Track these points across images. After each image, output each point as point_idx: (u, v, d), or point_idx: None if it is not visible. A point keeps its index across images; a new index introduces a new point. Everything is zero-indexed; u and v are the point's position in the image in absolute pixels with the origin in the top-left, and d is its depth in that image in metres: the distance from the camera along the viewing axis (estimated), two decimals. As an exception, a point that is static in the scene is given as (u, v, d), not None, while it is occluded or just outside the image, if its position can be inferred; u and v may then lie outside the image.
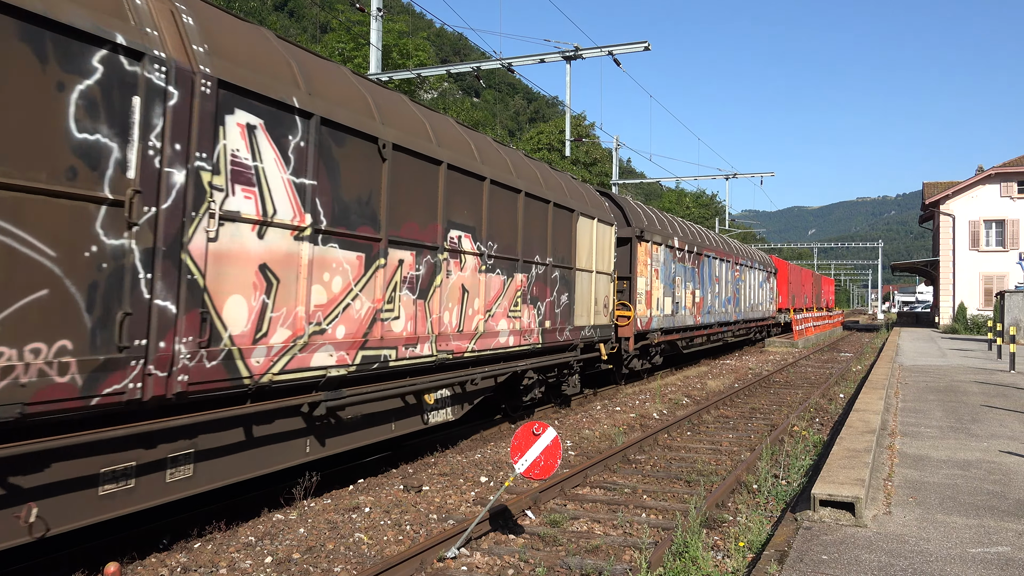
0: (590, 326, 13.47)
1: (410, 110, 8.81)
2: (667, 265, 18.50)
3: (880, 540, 5.42)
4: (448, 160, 8.97)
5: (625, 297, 16.14)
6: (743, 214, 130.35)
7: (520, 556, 5.97)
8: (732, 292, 26.06)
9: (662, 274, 18.06)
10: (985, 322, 36.79)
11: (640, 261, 16.66)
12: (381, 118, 7.88)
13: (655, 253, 17.53)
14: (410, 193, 8.32)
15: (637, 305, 16.25)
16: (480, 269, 9.85)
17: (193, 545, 6.14)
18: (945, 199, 41.29)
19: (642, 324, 16.48)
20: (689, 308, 20.49)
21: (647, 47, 17.73)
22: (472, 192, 9.62)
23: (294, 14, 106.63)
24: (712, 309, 23.22)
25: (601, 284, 14.17)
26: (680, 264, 19.60)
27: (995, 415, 11.16)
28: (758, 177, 37.79)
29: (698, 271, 21.53)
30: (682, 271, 19.78)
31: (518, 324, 10.86)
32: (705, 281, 22.36)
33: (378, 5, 17.87)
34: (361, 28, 31.98)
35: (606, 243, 14.55)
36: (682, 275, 19.78)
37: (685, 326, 20.09)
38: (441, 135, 9.15)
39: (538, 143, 58.32)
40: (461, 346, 9.32)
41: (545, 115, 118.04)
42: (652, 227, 17.52)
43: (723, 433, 11.60)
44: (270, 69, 6.43)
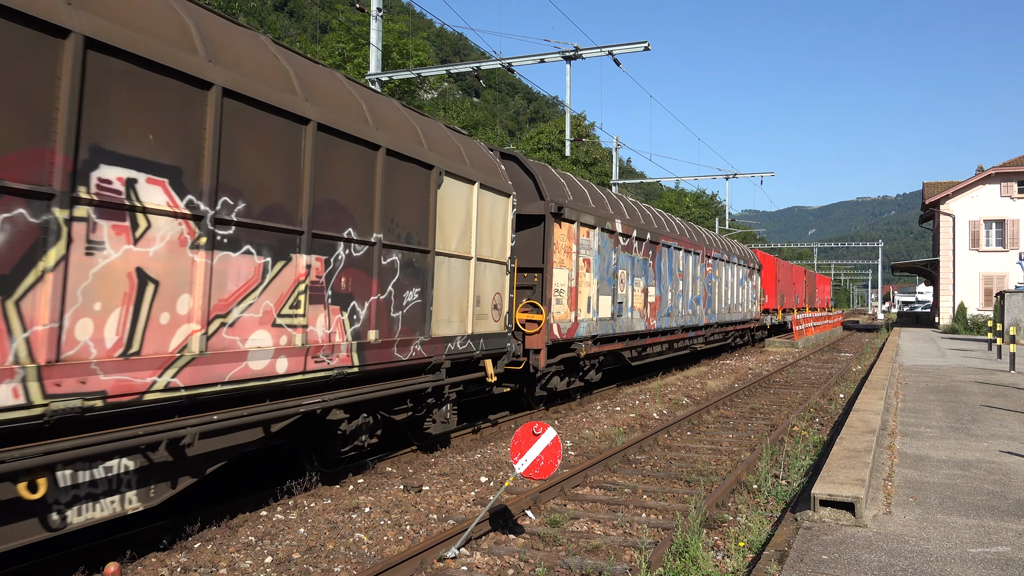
0: (465, 336, 9.65)
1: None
2: (605, 255, 14.68)
3: (880, 540, 5.42)
4: (88, 32, 4.96)
5: (536, 296, 12.33)
6: (743, 214, 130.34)
7: (520, 556, 5.97)
8: (702, 290, 22.12)
9: (596, 266, 14.23)
10: (985, 322, 36.79)
11: (559, 248, 12.72)
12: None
13: (584, 238, 13.72)
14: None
15: (554, 306, 12.46)
16: (194, 243, 5.84)
17: (193, 545, 6.14)
18: (945, 199, 41.29)
19: (562, 331, 12.69)
20: (639, 310, 16.60)
21: (647, 47, 17.73)
22: (172, 103, 5.64)
23: (294, 14, 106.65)
24: (674, 311, 19.22)
25: (488, 277, 10.31)
26: (626, 255, 15.78)
27: (995, 415, 11.16)
28: (758, 177, 37.79)
29: (653, 264, 17.60)
30: (628, 263, 15.97)
31: (300, 337, 6.81)
32: (664, 277, 18.36)
33: (378, 5, 17.87)
34: (361, 28, 31.97)
35: (498, 220, 10.64)
36: (628, 268, 15.97)
37: (633, 332, 16.16)
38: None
39: (538, 143, 58.35)
40: (134, 381, 5.29)
41: (545, 115, 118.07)
42: (578, 204, 13.57)
43: (723, 433, 11.60)
44: None
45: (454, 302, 9.51)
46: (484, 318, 10.30)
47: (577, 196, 13.92)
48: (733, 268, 26.00)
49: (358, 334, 7.71)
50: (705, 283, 22.37)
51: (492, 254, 10.55)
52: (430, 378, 8.98)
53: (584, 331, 13.62)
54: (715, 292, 23.60)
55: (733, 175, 37.87)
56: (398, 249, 8.37)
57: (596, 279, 14.31)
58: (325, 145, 7.19)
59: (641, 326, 16.66)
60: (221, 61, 6.06)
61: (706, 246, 22.60)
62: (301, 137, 6.89)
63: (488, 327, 10.41)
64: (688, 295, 20.58)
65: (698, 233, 23.04)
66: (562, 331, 12.77)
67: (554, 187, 13.05)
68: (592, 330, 13.99)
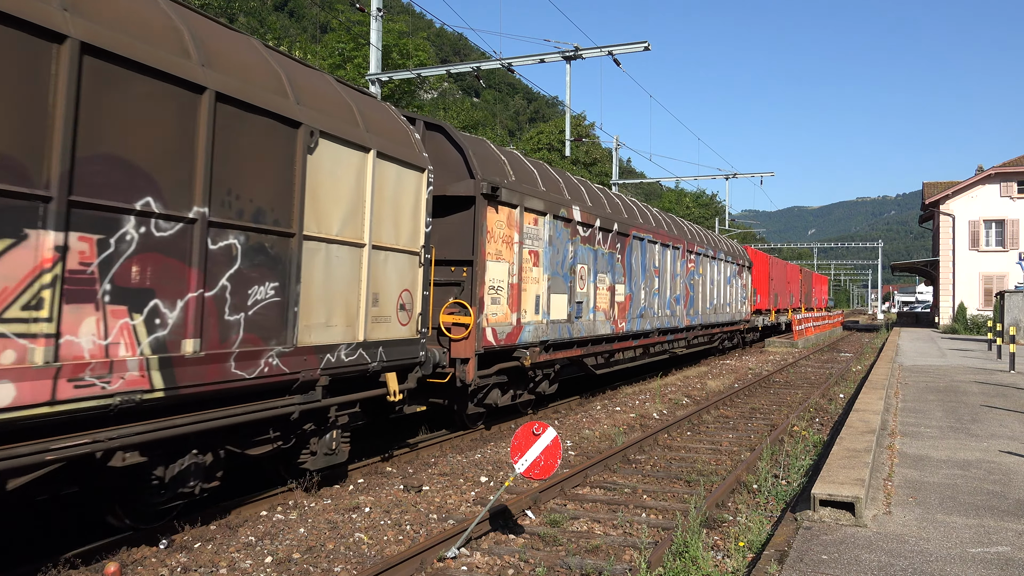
0: (354, 344, 7.60)
1: None
2: (559, 247, 12.62)
3: (880, 540, 5.42)
4: None
5: (465, 294, 10.32)
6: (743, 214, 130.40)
7: (520, 556, 5.97)
8: (683, 289, 19.87)
9: (547, 260, 12.15)
10: (985, 322, 36.79)
11: (495, 237, 10.68)
12: None
13: (531, 227, 11.67)
14: None
15: (488, 307, 10.45)
16: None
17: (193, 545, 6.14)
18: (945, 199, 41.29)
19: (500, 336, 10.67)
20: (604, 310, 14.52)
21: (647, 47, 17.73)
22: None
23: (294, 14, 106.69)
24: (648, 311, 17.06)
25: (391, 270, 8.32)
26: (587, 247, 13.72)
27: (995, 415, 11.17)
28: (758, 177, 37.77)
29: (622, 259, 15.46)
30: (590, 257, 13.88)
31: (43, 352, 4.77)
32: (635, 273, 16.23)
33: (378, 5, 17.88)
34: (361, 28, 31.98)
35: (407, 200, 8.62)
36: (590, 263, 13.88)
37: (597, 336, 14.11)
38: None
39: (538, 143, 58.37)
40: None
41: (545, 115, 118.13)
42: (522, 186, 11.43)
43: (723, 433, 11.60)
44: None
45: (336, 301, 7.40)
46: (385, 321, 8.22)
47: (523, 177, 11.78)
48: (720, 265, 23.77)
49: (163, 345, 5.57)
50: (686, 281, 20.14)
51: (397, 241, 8.45)
52: (297, 399, 6.91)
53: (530, 336, 11.52)
54: (698, 291, 21.36)
55: (733, 175, 37.87)
56: (239, 230, 6.28)
57: (547, 275, 12.16)
58: (101, 77, 5.10)
59: (607, 329, 14.54)
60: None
61: (687, 240, 20.37)
62: (51, 58, 4.79)
63: (391, 332, 8.31)
64: (666, 294, 18.40)
65: (678, 225, 20.68)
66: (500, 336, 10.65)
67: (489, 164, 10.94)
68: (541, 334, 11.91)
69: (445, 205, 10.39)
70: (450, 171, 10.55)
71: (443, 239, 10.41)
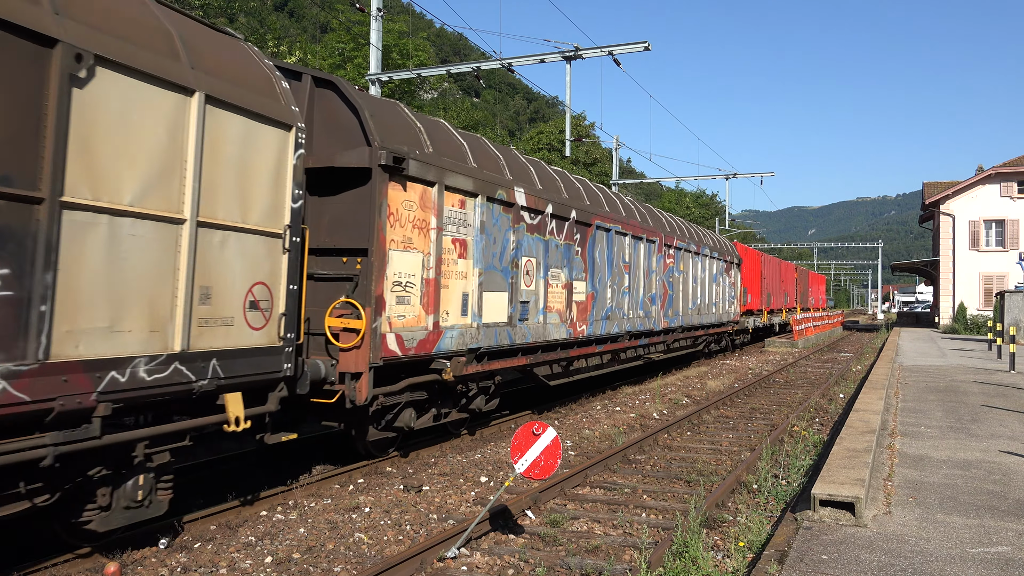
0: (164, 356, 5.68)
1: None
2: (496, 236, 10.53)
3: (880, 540, 5.42)
4: None
5: (360, 292, 8.18)
6: (743, 214, 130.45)
7: (520, 556, 5.97)
8: (660, 287, 17.66)
9: (479, 251, 10.05)
10: (985, 322, 36.80)
11: (401, 220, 8.58)
12: None
13: (455, 210, 9.57)
14: None
15: (392, 307, 8.39)
16: None
17: (193, 545, 6.14)
18: (945, 199, 41.30)
19: (408, 344, 8.58)
20: (559, 311, 12.43)
21: (647, 47, 17.73)
22: None
23: (294, 14, 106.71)
24: (616, 312, 14.94)
25: (235, 256, 6.40)
26: (535, 237, 11.65)
27: (995, 415, 11.17)
28: (758, 177, 37.78)
29: (582, 252, 13.40)
30: (539, 249, 11.80)
31: None
32: (599, 269, 14.17)
33: (378, 5, 17.88)
34: (361, 28, 31.99)
35: (262, 165, 6.69)
36: (539, 256, 11.83)
37: (548, 341, 12.02)
38: None
39: (538, 143, 58.41)
40: None
41: (545, 115, 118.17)
42: (441, 159, 9.27)
43: (723, 433, 11.61)
44: None
45: (131, 297, 5.43)
46: (224, 324, 6.25)
47: (445, 149, 9.63)
48: (704, 261, 21.81)
49: None
50: (664, 278, 17.96)
51: (245, 219, 6.47)
52: (52, 438, 4.90)
53: (453, 342, 9.45)
54: (678, 289, 19.25)
55: (733, 175, 37.87)
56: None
57: (479, 269, 10.05)
58: None
59: (562, 333, 12.45)
60: None
61: (665, 232, 18.20)
62: None
63: (234, 339, 6.33)
64: (638, 293, 16.28)
65: (654, 216, 18.47)
66: (409, 343, 8.60)
67: (396, 130, 8.74)
68: (471, 340, 9.81)
69: (337, 180, 8.35)
70: (343, 137, 8.44)
71: (335, 223, 8.37)
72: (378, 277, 8.21)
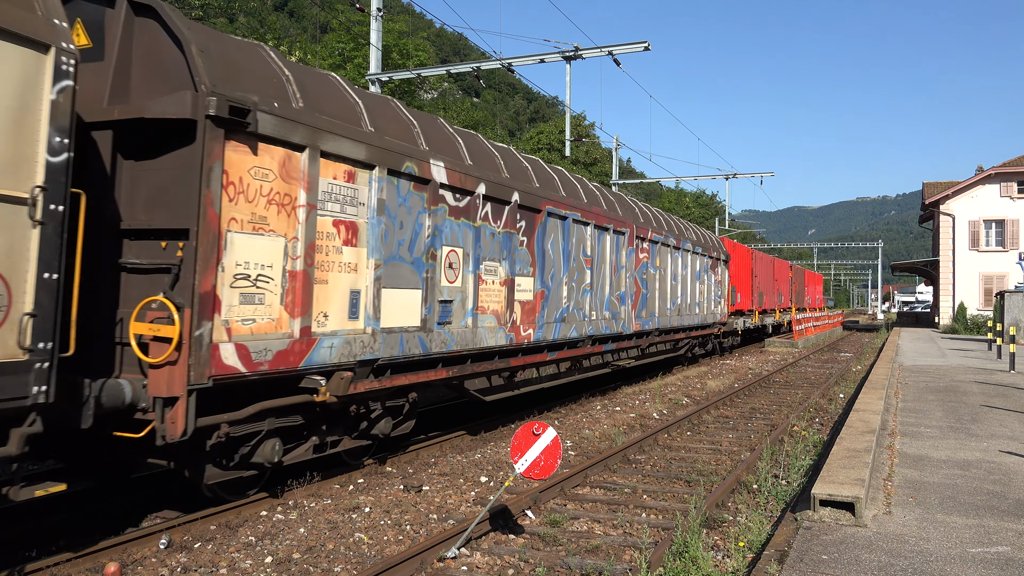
0: None
1: None
2: (403, 219, 8.55)
3: (880, 540, 5.42)
4: None
5: (181, 289, 6.09)
6: (743, 214, 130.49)
7: (520, 556, 5.97)
8: (631, 285, 15.61)
9: (375, 237, 8.05)
10: (985, 322, 36.80)
11: (250, 193, 6.62)
12: None
13: (336, 184, 7.60)
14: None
15: (234, 308, 6.46)
16: None
17: (193, 545, 6.14)
18: (945, 199, 41.31)
19: (257, 357, 6.59)
20: (496, 312, 10.39)
21: (647, 47, 17.73)
22: None
23: (294, 14, 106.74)
24: (575, 314, 12.88)
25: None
26: (462, 223, 9.63)
27: (995, 415, 11.17)
28: (758, 177, 37.79)
29: (529, 243, 11.28)
30: (468, 237, 9.77)
31: None
32: (553, 263, 12.07)
33: (378, 5, 17.89)
34: (361, 28, 31.99)
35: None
36: (468, 245, 9.79)
37: (480, 349, 10.00)
38: None
39: (538, 143, 58.44)
40: None
41: (545, 115, 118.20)
42: (314, 115, 7.29)
43: (723, 433, 11.61)
44: None
45: None
46: None
47: (324, 105, 7.55)
48: (686, 257, 19.88)
49: None
50: (636, 275, 15.96)
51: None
52: None
53: (333, 353, 7.36)
54: (654, 288, 17.17)
55: (733, 175, 37.88)
56: None
57: (376, 260, 7.98)
58: None
59: (499, 338, 10.38)
60: None
61: (638, 223, 16.13)
62: None
63: None
64: (603, 291, 14.20)
65: (624, 204, 16.30)
66: (259, 356, 6.59)
67: (242, 73, 6.69)
68: (362, 350, 7.73)
69: (158, 138, 6.29)
70: (165, 79, 6.37)
71: (154, 195, 6.31)
72: (205, 267, 6.10)
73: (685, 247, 19.76)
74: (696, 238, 21.40)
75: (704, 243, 22.10)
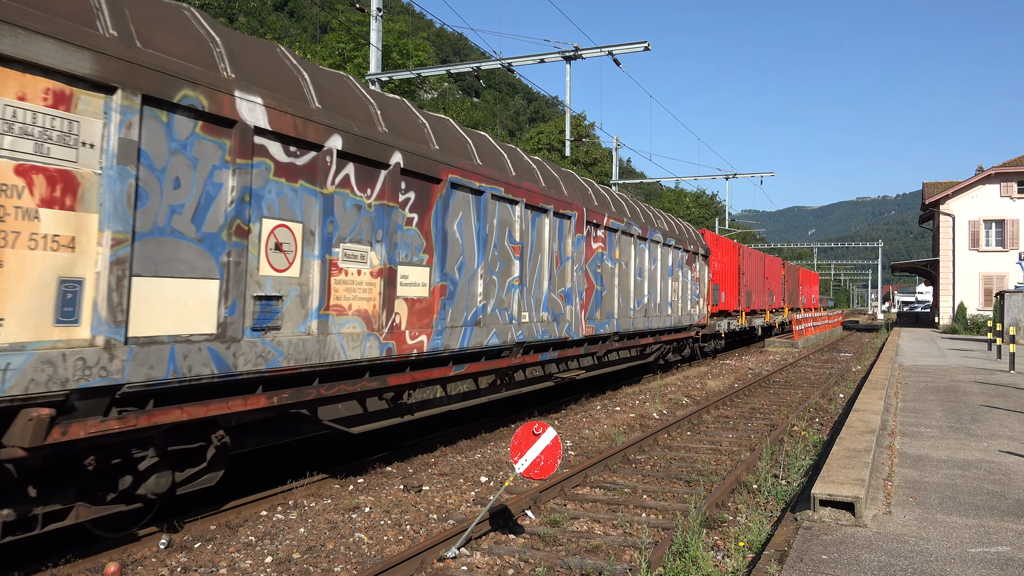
0: None
1: None
2: (180, 173, 5.83)
3: (880, 540, 5.42)
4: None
5: None
6: (743, 214, 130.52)
7: (520, 556, 5.97)
8: (581, 280, 12.77)
9: (116, 196, 5.28)
10: (985, 322, 36.81)
11: None
12: None
13: (21, 108, 4.71)
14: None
15: None
16: None
17: (193, 545, 6.14)
18: (945, 199, 41.31)
19: None
20: (363, 313, 7.74)
21: (647, 47, 17.74)
22: None
23: (294, 14, 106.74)
24: (494, 315, 10.16)
25: None
26: (301, 187, 6.96)
27: (995, 415, 11.17)
28: (758, 177, 37.81)
29: (422, 221, 8.67)
30: (311, 208, 7.07)
31: None
32: (461, 249, 9.46)
33: (378, 5, 17.89)
34: (361, 28, 32.00)
35: None
36: (312, 219, 7.11)
37: (331, 364, 7.25)
38: None
39: (538, 143, 58.47)
40: None
41: (545, 115, 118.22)
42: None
43: (723, 433, 11.61)
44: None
45: None
46: None
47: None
48: (656, 250, 17.15)
49: None
50: (588, 268, 13.24)
51: None
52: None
53: (8, 379, 4.59)
54: (613, 284, 14.53)
55: (733, 175, 37.89)
56: None
57: (116, 233, 5.29)
58: None
59: (370, 350, 7.71)
60: None
61: (591, 206, 13.40)
62: None
63: None
64: (540, 287, 11.44)
65: (572, 182, 13.46)
66: None
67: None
68: (79, 373, 5.00)
69: None
70: None
71: None
72: None
73: (654, 238, 16.99)
74: (669, 228, 18.70)
75: (679, 234, 19.36)
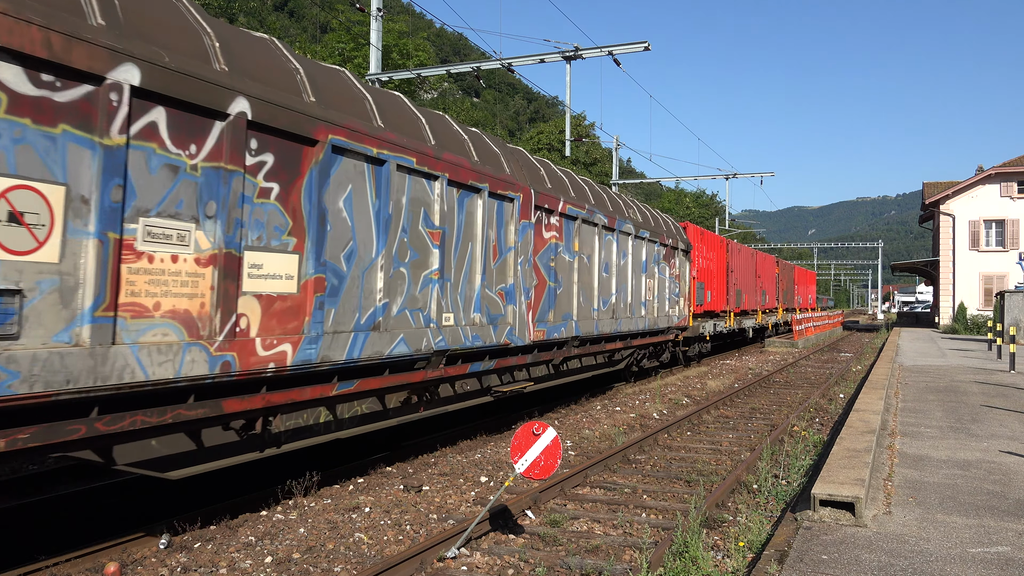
0: None
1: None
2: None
3: (880, 540, 5.42)
4: None
5: None
6: (743, 214, 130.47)
7: (520, 556, 5.97)
8: (529, 276, 10.89)
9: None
10: (985, 322, 36.81)
11: None
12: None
13: None
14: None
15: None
16: None
17: (193, 545, 6.14)
18: (945, 199, 41.31)
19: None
20: (180, 315, 5.62)
21: (647, 47, 17.73)
22: None
23: (294, 14, 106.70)
24: (401, 317, 8.16)
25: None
26: (65, 134, 4.83)
27: (995, 415, 11.17)
28: (758, 177, 37.78)
29: (287, 193, 6.56)
30: (81, 161, 4.93)
31: None
32: (352, 233, 7.41)
33: (378, 5, 17.88)
34: (361, 28, 32.00)
35: None
36: (82, 179, 4.93)
37: (122, 387, 5.04)
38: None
39: (538, 143, 58.46)
40: None
41: (545, 115, 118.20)
42: None
43: (723, 433, 11.61)
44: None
45: None
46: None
47: None
48: (626, 242, 15.18)
49: None
50: (539, 261, 11.33)
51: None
52: None
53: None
54: (570, 281, 12.59)
55: (733, 175, 37.88)
56: None
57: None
58: None
59: (193, 365, 5.63)
60: None
61: (543, 189, 11.53)
62: None
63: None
64: (471, 283, 9.65)
65: (518, 158, 11.55)
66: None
67: None
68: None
69: None
70: None
71: None
72: None
73: (623, 228, 14.92)
74: (643, 219, 16.59)
75: (654, 226, 17.29)
